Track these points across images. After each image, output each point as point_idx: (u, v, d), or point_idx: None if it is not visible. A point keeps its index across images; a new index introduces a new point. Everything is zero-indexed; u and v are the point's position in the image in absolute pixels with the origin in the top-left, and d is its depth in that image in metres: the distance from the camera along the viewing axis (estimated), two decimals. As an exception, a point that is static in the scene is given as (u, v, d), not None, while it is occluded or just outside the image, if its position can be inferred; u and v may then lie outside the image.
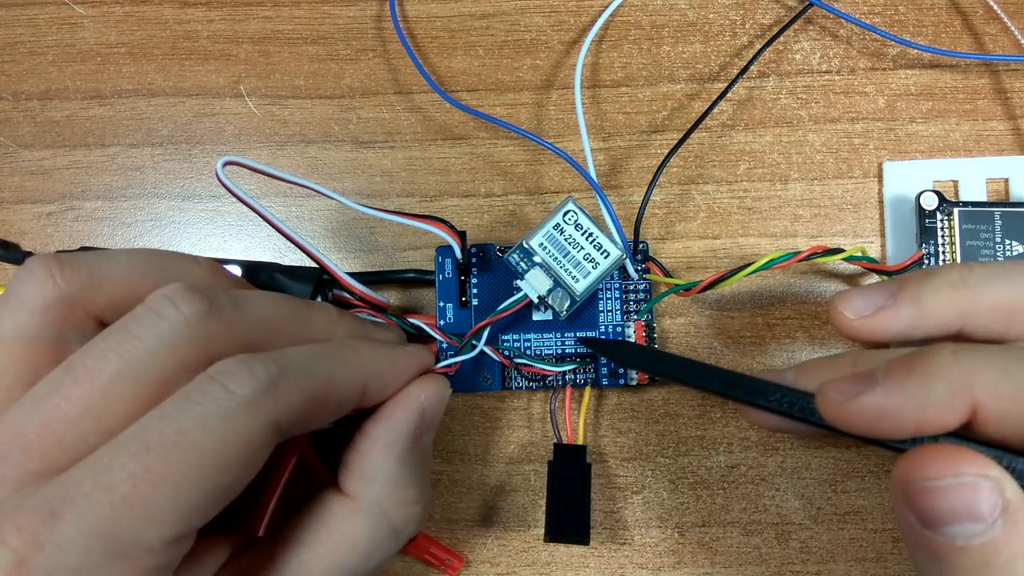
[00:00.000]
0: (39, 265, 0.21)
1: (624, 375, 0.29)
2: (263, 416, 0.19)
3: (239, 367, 0.20)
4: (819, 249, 0.28)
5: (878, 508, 0.29)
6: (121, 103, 0.32)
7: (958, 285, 0.22)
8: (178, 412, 0.19)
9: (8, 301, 0.21)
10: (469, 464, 0.30)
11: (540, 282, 0.27)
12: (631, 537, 0.29)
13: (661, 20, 0.33)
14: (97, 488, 0.17)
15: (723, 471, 0.30)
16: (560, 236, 0.26)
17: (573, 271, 0.26)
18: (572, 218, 0.26)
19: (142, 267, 0.22)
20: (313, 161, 0.32)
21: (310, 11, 0.33)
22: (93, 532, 0.17)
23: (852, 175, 0.31)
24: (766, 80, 0.32)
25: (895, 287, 0.23)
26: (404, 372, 0.25)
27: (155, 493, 0.18)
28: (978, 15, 0.32)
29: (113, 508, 0.17)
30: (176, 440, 0.18)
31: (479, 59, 0.32)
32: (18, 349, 0.21)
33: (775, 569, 0.29)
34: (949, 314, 0.22)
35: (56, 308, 0.21)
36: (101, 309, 0.22)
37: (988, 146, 0.31)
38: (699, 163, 0.32)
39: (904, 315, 0.22)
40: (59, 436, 0.19)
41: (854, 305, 0.23)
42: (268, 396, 0.19)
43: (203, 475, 0.18)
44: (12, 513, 0.17)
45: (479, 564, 0.29)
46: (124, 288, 0.22)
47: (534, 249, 0.27)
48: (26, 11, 0.33)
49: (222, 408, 0.19)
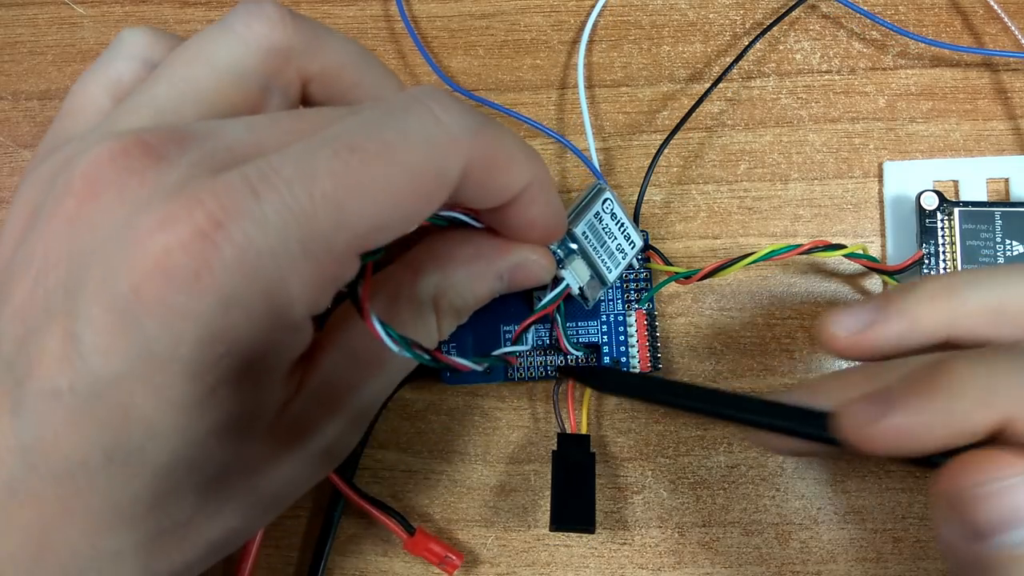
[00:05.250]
0: (273, 7, 0.20)
1: (627, 364, 0.29)
2: (461, 157, 0.18)
3: (450, 100, 0.18)
4: (820, 243, 0.28)
5: (878, 508, 0.29)
6: (121, 103, 0.32)
7: (942, 294, 0.22)
8: (383, 122, 0.18)
9: (228, 32, 0.20)
10: (469, 464, 0.30)
11: (582, 272, 0.27)
12: (631, 537, 0.29)
13: (661, 20, 0.33)
14: (300, 176, 0.16)
15: (723, 471, 0.30)
16: (599, 224, 0.26)
17: (608, 261, 0.27)
18: (608, 207, 0.26)
19: (356, 58, 0.22)
20: (313, 161, 0.32)
21: (310, 11, 0.33)
22: (292, 219, 0.16)
23: (852, 175, 0.31)
24: (766, 80, 0.32)
25: (881, 302, 0.23)
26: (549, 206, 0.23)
27: (353, 198, 0.17)
28: (978, 15, 0.32)
29: (312, 201, 0.16)
30: (381, 150, 0.17)
31: (479, 59, 0.32)
32: (227, 82, 0.20)
33: (775, 569, 0.29)
34: (937, 323, 0.22)
35: (277, 55, 0.20)
36: (311, 76, 0.21)
37: (988, 146, 0.31)
38: (699, 163, 0.32)
39: (894, 329, 0.22)
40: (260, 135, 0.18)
41: (844, 324, 0.23)
42: (472, 137, 0.18)
43: (399, 193, 0.17)
44: (209, 183, 0.16)
45: (479, 564, 0.29)
46: (336, 65, 0.21)
47: (577, 237, 0.26)
48: (26, 11, 0.33)
49: (429, 133, 0.18)
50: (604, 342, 0.29)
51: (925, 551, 0.29)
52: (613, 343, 0.29)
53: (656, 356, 0.29)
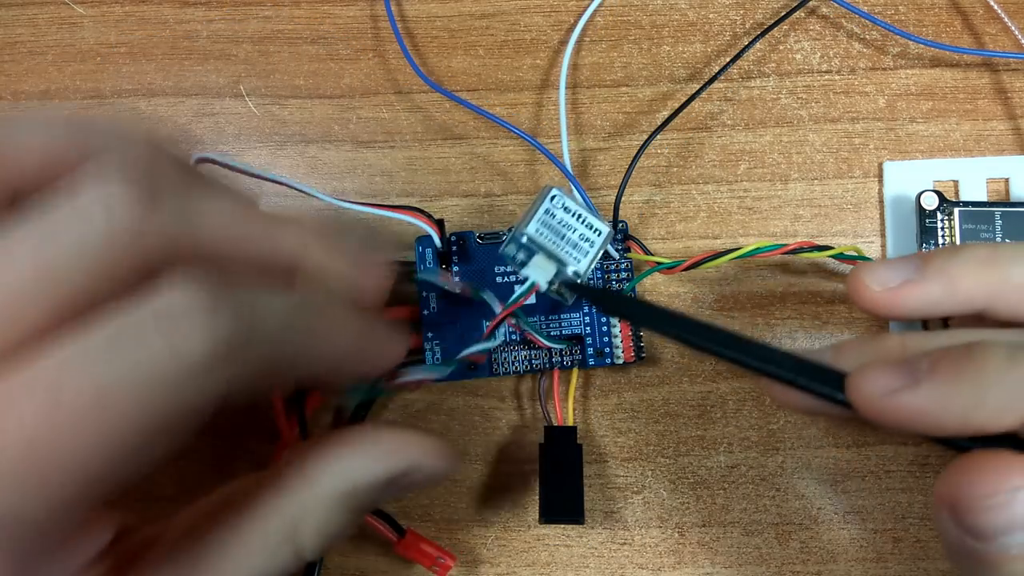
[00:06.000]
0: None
1: (610, 355, 0.29)
2: (214, 384, 0.15)
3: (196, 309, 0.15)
4: (807, 244, 0.28)
5: (879, 508, 0.29)
6: (121, 103, 0.32)
7: (988, 263, 0.21)
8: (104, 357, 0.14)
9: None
10: (469, 464, 0.30)
11: (546, 266, 0.27)
12: (631, 537, 0.29)
13: (661, 20, 0.33)
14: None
15: (723, 471, 0.30)
16: (553, 220, 0.26)
17: (573, 251, 0.27)
18: (559, 202, 0.27)
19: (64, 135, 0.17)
20: (313, 161, 0.32)
21: (310, 11, 0.33)
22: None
23: (852, 175, 0.31)
24: (766, 80, 0.32)
25: (921, 261, 0.22)
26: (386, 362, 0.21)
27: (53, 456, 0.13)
28: (978, 15, 0.32)
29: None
30: (96, 398, 0.14)
31: (479, 59, 0.32)
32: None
33: (775, 569, 0.29)
34: (977, 292, 0.21)
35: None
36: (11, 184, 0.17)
37: (988, 146, 0.31)
38: (699, 163, 0.32)
39: (932, 290, 0.21)
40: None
41: (880, 276, 0.22)
42: (227, 361, 0.15)
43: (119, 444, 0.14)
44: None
45: (479, 564, 0.29)
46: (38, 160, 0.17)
47: (531, 236, 0.26)
48: (26, 11, 0.33)
49: (163, 368, 0.14)
50: (587, 333, 0.29)
51: (925, 551, 0.29)
52: (596, 334, 0.29)
53: (640, 347, 0.29)
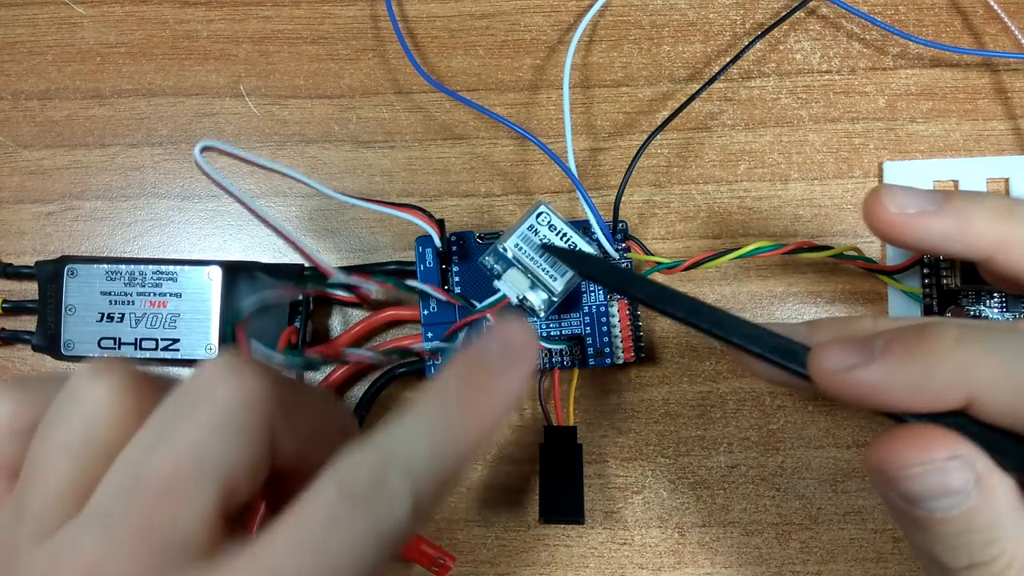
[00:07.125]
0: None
1: (611, 355, 0.29)
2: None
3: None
4: (805, 244, 0.28)
5: (878, 508, 0.29)
6: (121, 103, 0.32)
7: (1004, 213, 0.22)
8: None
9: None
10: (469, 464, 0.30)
11: (519, 282, 0.27)
12: (631, 537, 0.29)
13: (661, 20, 0.33)
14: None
15: (723, 471, 0.30)
16: (535, 237, 0.27)
17: (550, 270, 0.27)
18: (545, 219, 0.27)
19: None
20: (313, 161, 0.32)
21: (310, 11, 0.33)
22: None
23: (852, 175, 0.31)
24: (766, 80, 0.32)
25: (942, 196, 0.22)
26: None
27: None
28: (978, 15, 0.32)
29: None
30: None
31: (479, 59, 0.32)
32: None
33: (775, 569, 0.29)
34: (988, 239, 0.22)
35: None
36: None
37: (988, 146, 0.31)
38: (699, 163, 0.32)
39: (945, 226, 0.22)
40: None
41: (899, 199, 0.22)
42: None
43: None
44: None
45: (479, 564, 0.29)
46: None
47: (510, 250, 0.27)
48: (26, 11, 0.33)
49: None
50: (587, 333, 0.29)
51: (925, 551, 0.29)
52: (596, 334, 0.29)
53: (640, 347, 0.29)
